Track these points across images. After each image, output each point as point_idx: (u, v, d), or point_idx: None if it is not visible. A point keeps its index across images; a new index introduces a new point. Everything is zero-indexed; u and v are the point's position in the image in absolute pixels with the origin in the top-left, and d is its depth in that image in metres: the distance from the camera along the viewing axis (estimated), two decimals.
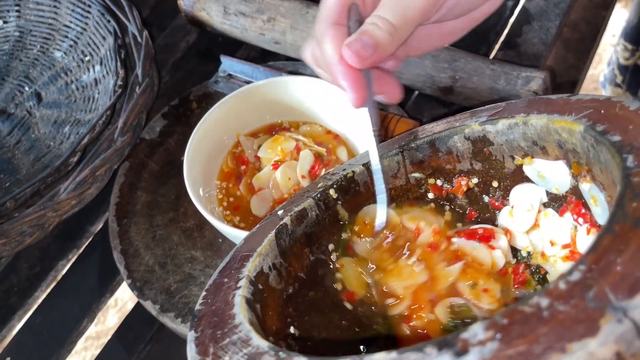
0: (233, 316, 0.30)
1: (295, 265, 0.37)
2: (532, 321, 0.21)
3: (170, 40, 0.69)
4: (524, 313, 0.21)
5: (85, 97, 0.62)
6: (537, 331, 0.20)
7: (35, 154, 0.60)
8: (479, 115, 0.39)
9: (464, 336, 0.21)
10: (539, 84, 0.53)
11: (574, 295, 0.21)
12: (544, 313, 0.21)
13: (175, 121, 0.60)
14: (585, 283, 0.21)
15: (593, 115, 0.30)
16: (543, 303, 0.21)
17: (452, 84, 0.56)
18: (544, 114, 0.33)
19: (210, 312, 0.32)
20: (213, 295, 0.33)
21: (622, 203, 0.24)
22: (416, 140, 0.40)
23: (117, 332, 0.52)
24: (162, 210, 0.56)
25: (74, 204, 0.52)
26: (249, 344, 0.27)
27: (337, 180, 0.41)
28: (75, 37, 0.65)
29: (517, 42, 0.63)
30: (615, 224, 0.23)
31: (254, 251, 0.36)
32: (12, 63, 0.66)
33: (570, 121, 0.31)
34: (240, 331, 0.29)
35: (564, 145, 0.33)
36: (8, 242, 0.50)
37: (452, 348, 0.21)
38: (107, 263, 0.54)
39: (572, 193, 0.35)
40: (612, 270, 0.21)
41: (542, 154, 0.35)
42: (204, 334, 0.30)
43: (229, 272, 0.35)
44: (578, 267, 0.22)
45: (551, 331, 0.20)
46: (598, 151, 0.29)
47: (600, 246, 0.23)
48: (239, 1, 0.62)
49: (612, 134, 0.28)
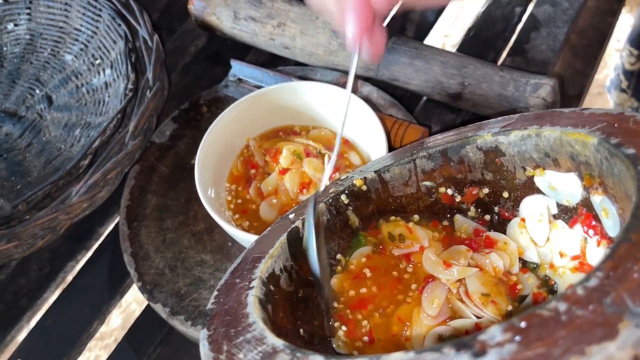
0: (246, 315, 0.30)
1: (305, 268, 0.38)
2: (551, 325, 0.21)
3: (179, 44, 0.69)
4: (542, 317, 0.22)
5: (95, 100, 0.63)
6: (555, 334, 0.21)
7: (46, 157, 0.60)
8: (491, 126, 0.39)
9: (482, 338, 0.22)
10: (548, 91, 0.54)
11: (592, 300, 0.22)
12: (563, 317, 0.21)
13: (185, 125, 0.60)
14: (603, 289, 0.22)
15: (607, 129, 0.31)
16: (561, 307, 0.22)
17: (460, 90, 0.56)
18: (557, 127, 0.34)
19: (222, 311, 0.32)
20: (225, 295, 0.34)
21: (638, 214, 0.24)
22: (428, 149, 0.41)
23: (128, 334, 0.53)
24: (172, 214, 0.56)
25: (85, 207, 0.52)
26: (263, 342, 0.28)
27: (348, 186, 0.41)
28: (85, 41, 0.66)
29: (525, 49, 0.63)
30: (631, 233, 0.24)
31: (266, 253, 0.36)
32: (23, 66, 0.67)
33: (584, 134, 0.32)
34: (254, 330, 0.29)
35: (577, 158, 0.33)
36: (20, 245, 0.50)
37: (470, 349, 0.21)
38: (116, 265, 0.55)
39: (582, 205, 0.36)
40: (630, 277, 0.22)
41: (554, 165, 0.36)
42: (217, 332, 0.30)
43: (240, 272, 0.36)
44: (595, 274, 0.23)
45: (570, 335, 0.21)
46: (612, 163, 0.30)
47: (617, 254, 0.23)
48: (249, 6, 0.63)
49: (626, 146, 0.29)
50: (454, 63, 0.57)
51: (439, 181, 0.41)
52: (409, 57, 0.58)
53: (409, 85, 0.59)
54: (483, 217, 0.41)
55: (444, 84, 0.57)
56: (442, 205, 0.42)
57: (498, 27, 0.66)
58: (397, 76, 0.59)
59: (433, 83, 0.57)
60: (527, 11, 0.67)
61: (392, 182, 0.41)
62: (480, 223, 0.41)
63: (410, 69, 0.58)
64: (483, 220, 0.41)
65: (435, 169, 0.41)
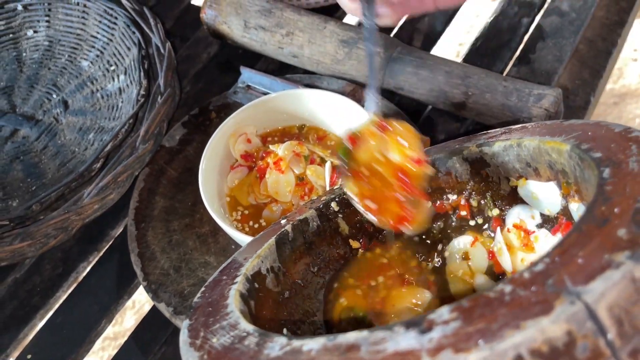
0: (226, 306, 0.32)
1: (292, 271, 0.39)
2: (494, 304, 0.22)
3: (192, 52, 0.71)
4: (487, 298, 0.23)
5: (109, 105, 0.65)
6: (496, 312, 0.22)
7: (61, 159, 0.62)
8: (478, 138, 0.40)
9: (431, 317, 0.23)
10: (551, 102, 0.54)
11: (535, 282, 0.23)
12: (506, 297, 0.22)
13: (195, 130, 0.62)
14: (547, 272, 0.23)
15: (581, 137, 0.31)
16: (507, 289, 0.23)
17: (464, 100, 0.57)
18: (537, 136, 0.35)
19: (205, 304, 0.34)
20: (211, 290, 0.35)
21: (592, 207, 0.25)
22: None
23: (134, 333, 0.54)
24: (179, 216, 0.57)
25: (96, 208, 0.54)
26: (236, 327, 0.29)
27: (339, 194, 0.42)
28: (101, 48, 0.68)
29: (531, 59, 0.64)
30: (583, 224, 0.25)
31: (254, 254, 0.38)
32: (41, 71, 0.69)
33: (559, 141, 0.33)
34: (230, 318, 0.30)
35: (554, 166, 0.34)
36: (33, 244, 0.52)
37: (418, 326, 0.23)
38: (125, 266, 0.56)
39: (562, 214, 0.36)
40: (574, 261, 0.23)
41: (535, 175, 0.37)
42: (198, 321, 0.32)
43: (228, 271, 0.37)
44: (543, 260, 0.24)
45: (509, 312, 0.22)
46: (582, 168, 0.31)
47: (567, 242, 0.24)
48: (259, 15, 0.64)
49: (594, 151, 0.29)
50: (459, 73, 0.57)
51: (427, 192, 0.42)
52: (414, 67, 0.59)
53: (414, 94, 0.60)
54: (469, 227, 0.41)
55: (448, 93, 0.58)
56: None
57: (505, 38, 0.66)
58: (402, 85, 0.60)
59: (437, 92, 0.58)
60: (535, 22, 0.67)
61: None
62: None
63: (415, 78, 0.59)
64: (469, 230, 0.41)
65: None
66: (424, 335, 0.22)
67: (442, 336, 0.22)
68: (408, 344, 0.22)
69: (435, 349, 0.21)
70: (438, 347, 0.21)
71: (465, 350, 0.21)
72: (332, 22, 0.63)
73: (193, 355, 0.28)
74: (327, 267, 0.41)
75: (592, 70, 0.65)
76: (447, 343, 0.21)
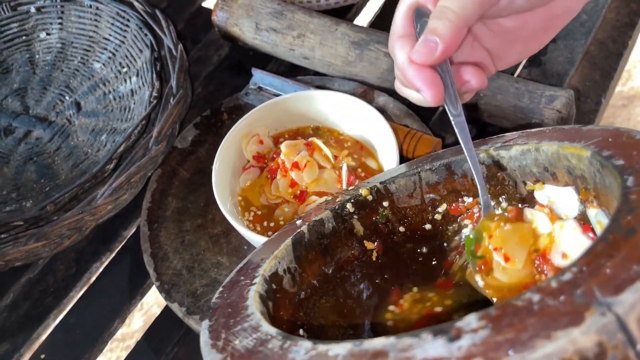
0: (246, 307, 0.32)
1: (308, 272, 0.39)
2: (523, 313, 0.22)
3: (203, 54, 0.72)
4: (515, 306, 0.23)
5: (121, 107, 0.65)
6: (526, 321, 0.22)
7: (74, 161, 0.63)
8: (494, 142, 0.40)
9: (459, 325, 0.23)
10: (563, 103, 0.54)
11: (563, 291, 0.23)
12: (535, 307, 0.23)
13: (207, 131, 0.62)
14: (575, 282, 0.23)
15: (601, 143, 0.32)
16: (534, 298, 0.23)
17: (476, 101, 0.57)
18: (555, 141, 0.35)
19: (225, 305, 0.34)
20: (229, 291, 0.36)
21: (618, 217, 0.26)
22: (433, 162, 0.42)
23: (146, 333, 0.55)
24: (191, 216, 0.58)
25: (109, 209, 0.54)
26: (258, 330, 0.29)
27: (354, 195, 0.42)
28: (113, 50, 0.68)
29: (541, 61, 0.64)
30: (609, 234, 0.25)
31: (271, 254, 0.38)
32: (54, 73, 0.70)
33: (579, 147, 0.33)
34: (251, 319, 0.31)
35: (573, 172, 0.34)
36: (48, 244, 0.52)
37: (446, 334, 0.23)
38: (138, 266, 0.57)
39: (580, 219, 0.36)
40: (602, 272, 0.23)
41: (553, 180, 0.37)
42: (218, 322, 0.32)
43: (245, 271, 0.37)
44: (571, 269, 0.24)
45: (539, 321, 0.22)
46: (603, 175, 0.31)
47: (594, 251, 0.24)
48: (270, 18, 0.64)
49: (616, 158, 0.30)
50: None
51: (443, 194, 0.42)
52: None
53: None
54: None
55: None
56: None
57: None
58: None
59: None
60: None
61: (397, 193, 0.43)
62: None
63: None
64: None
65: (440, 182, 0.42)
66: (452, 344, 0.22)
67: (471, 345, 0.22)
68: (437, 352, 0.22)
69: (464, 358, 0.21)
70: (468, 355, 0.21)
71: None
72: (344, 24, 0.63)
73: (216, 357, 0.29)
74: (341, 268, 0.41)
75: (602, 72, 0.65)
76: (476, 352, 0.21)
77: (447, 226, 0.42)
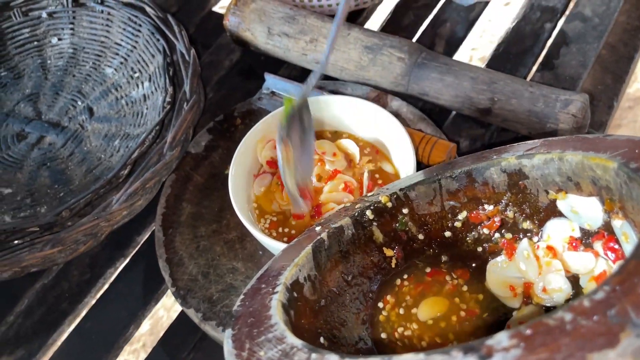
0: (269, 317, 0.32)
1: (328, 279, 0.39)
2: (555, 333, 0.22)
3: (214, 58, 0.72)
4: (548, 325, 0.23)
5: (134, 112, 0.65)
6: (559, 341, 0.22)
7: (87, 166, 0.63)
8: (516, 149, 0.40)
9: (489, 342, 0.23)
10: (578, 107, 0.54)
11: (597, 311, 0.22)
12: (567, 326, 0.22)
13: (220, 136, 0.62)
14: (608, 301, 0.23)
15: (627, 154, 0.31)
16: (567, 317, 0.23)
17: (490, 106, 0.57)
18: (580, 151, 0.35)
19: (247, 313, 0.34)
20: (251, 299, 0.35)
21: None
22: (454, 169, 0.42)
23: (162, 338, 0.55)
24: (206, 222, 0.58)
25: (125, 215, 0.54)
26: (283, 341, 0.29)
27: (374, 202, 0.42)
28: (125, 55, 0.68)
29: (554, 65, 0.64)
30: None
31: (291, 262, 0.38)
32: (66, 78, 0.70)
33: (605, 158, 0.32)
34: (275, 330, 0.30)
35: (598, 182, 0.34)
36: (63, 250, 0.52)
37: (477, 352, 0.22)
38: (152, 272, 0.57)
39: (604, 229, 0.36)
40: (635, 291, 0.23)
41: (576, 189, 0.36)
42: (241, 332, 0.32)
43: (266, 279, 0.37)
44: (603, 288, 0.24)
45: (573, 342, 0.21)
46: (630, 188, 0.31)
47: (626, 270, 0.24)
48: (282, 22, 0.64)
49: None
50: (484, 79, 0.58)
51: (463, 201, 0.42)
52: (439, 73, 0.59)
53: (439, 100, 0.60)
54: (505, 238, 0.41)
55: (473, 99, 0.58)
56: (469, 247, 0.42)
57: (528, 43, 0.67)
58: (426, 91, 0.60)
59: (463, 98, 0.58)
60: (557, 27, 0.67)
61: (417, 200, 0.43)
62: (502, 245, 0.41)
63: (440, 84, 0.59)
64: (505, 242, 0.41)
65: (460, 189, 0.42)
66: None
67: None
68: None
69: None
70: None
71: None
72: (356, 29, 0.63)
73: None
74: (360, 275, 0.41)
75: (614, 76, 0.65)
76: None
77: (467, 233, 0.42)
